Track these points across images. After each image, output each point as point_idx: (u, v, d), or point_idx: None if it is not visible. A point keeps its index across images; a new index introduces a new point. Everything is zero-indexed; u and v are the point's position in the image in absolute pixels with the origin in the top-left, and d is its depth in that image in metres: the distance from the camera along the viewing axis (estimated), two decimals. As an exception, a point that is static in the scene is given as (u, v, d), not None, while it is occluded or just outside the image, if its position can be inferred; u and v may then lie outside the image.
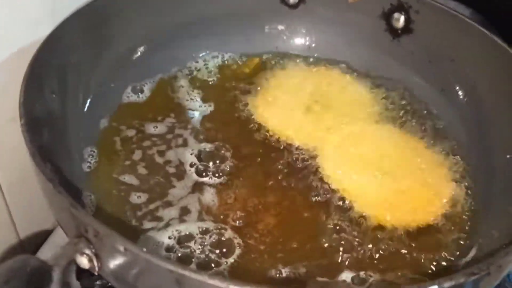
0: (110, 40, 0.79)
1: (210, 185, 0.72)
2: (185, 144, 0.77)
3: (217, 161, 0.75)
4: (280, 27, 0.93)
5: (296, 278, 0.63)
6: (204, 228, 0.67)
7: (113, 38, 0.80)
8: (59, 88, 0.70)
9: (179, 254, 0.64)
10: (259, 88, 0.86)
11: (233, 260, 0.64)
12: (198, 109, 0.82)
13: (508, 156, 0.72)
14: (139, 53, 0.84)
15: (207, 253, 0.64)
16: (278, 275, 0.63)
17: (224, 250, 0.65)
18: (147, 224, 0.67)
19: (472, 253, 0.67)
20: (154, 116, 0.80)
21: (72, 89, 0.73)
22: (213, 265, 0.63)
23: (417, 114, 0.84)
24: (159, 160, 0.75)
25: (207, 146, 0.77)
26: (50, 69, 0.68)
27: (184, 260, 0.63)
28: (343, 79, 0.88)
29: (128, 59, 0.83)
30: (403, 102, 0.85)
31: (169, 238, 0.66)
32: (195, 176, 0.73)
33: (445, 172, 0.76)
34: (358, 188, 0.73)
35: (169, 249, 0.65)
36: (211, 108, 0.83)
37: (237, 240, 0.66)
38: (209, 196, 0.71)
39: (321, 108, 0.83)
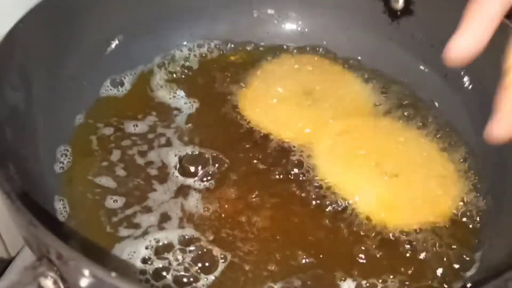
0: (83, 30, 0.73)
1: (195, 190, 0.66)
2: (168, 144, 0.71)
3: (203, 164, 0.69)
4: (270, 11, 0.86)
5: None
6: (185, 238, 0.61)
7: (87, 27, 0.73)
8: (22, 84, 0.64)
9: (156, 266, 0.59)
10: (247, 80, 0.80)
11: (214, 278, 0.58)
12: (182, 105, 0.76)
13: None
14: (117, 43, 0.78)
15: (186, 266, 0.59)
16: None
17: (207, 264, 0.59)
18: (123, 232, 0.62)
19: (481, 255, 0.63)
20: (134, 114, 0.74)
21: (39, 84, 0.67)
22: (191, 279, 0.58)
23: (419, 104, 0.78)
24: (139, 161, 0.69)
25: (193, 147, 0.71)
26: (11, 64, 0.63)
27: (160, 274, 0.58)
28: (338, 68, 0.82)
29: (105, 49, 0.77)
30: (403, 92, 0.79)
31: (146, 248, 0.60)
32: (179, 180, 0.67)
33: (452, 168, 0.70)
34: (357, 189, 0.68)
35: (145, 260, 0.59)
36: (196, 105, 0.76)
37: (221, 254, 0.60)
38: (193, 202, 0.65)
39: (315, 102, 0.77)
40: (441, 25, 0.75)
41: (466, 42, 0.47)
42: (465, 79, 0.76)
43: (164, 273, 0.58)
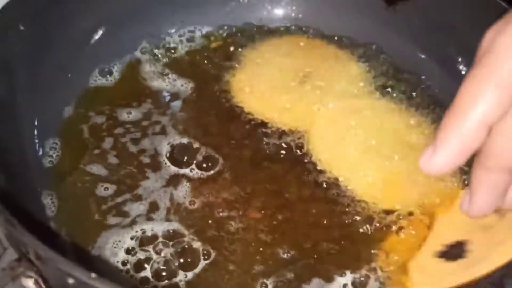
0: (67, 18, 0.71)
1: (186, 181, 0.66)
2: (163, 132, 0.70)
3: (196, 154, 0.68)
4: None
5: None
6: (170, 232, 0.61)
7: (71, 15, 0.72)
8: (3, 75, 0.63)
9: (138, 258, 0.59)
10: (240, 65, 0.78)
11: (193, 274, 0.58)
12: (176, 90, 0.75)
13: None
14: (104, 31, 0.76)
15: (167, 259, 0.59)
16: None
17: (188, 260, 0.59)
18: (111, 220, 0.62)
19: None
20: (128, 102, 0.73)
21: (22, 75, 0.66)
22: (171, 274, 0.58)
23: (416, 89, 0.76)
24: (132, 149, 0.69)
25: (187, 136, 0.70)
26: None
27: (141, 266, 0.58)
28: (332, 52, 0.81)
29: (91, 38, 0.76)
30: (400, 76, 0.78)
31: (131, 238, 0.60)
32: (171, 169, 0.67)
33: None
34: (354, 172, 0.67)
35: (129, 251, 0.59)
36: (190, 90, 0.75)
37: (204, 250, 0.60)
38: (183, 193, 0.65)
39: (309, 85, 0.75)
40: (438, 9, 0.75)
41: (439, 161, 0.43)
42: (463, 64, 0.75)
43: (146, 265, 0.58)
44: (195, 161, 0.67)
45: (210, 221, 0.62)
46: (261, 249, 0.61)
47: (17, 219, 0.45)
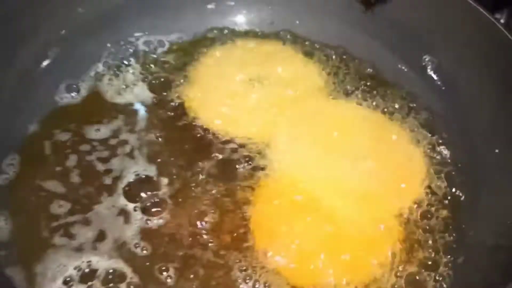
0: (24, 36, 0.70)
1: (136, 219, 0.63)
2: (131, 156, 0.68)
3: (153, 190, 0.65)
4: (230, 2, 0.82)
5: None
6: (109, 272, 0.58)
7: (34, 30, 0.70)
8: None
9: None
10: (198, 73, 0.76)
11: None
12: (138, 106, 0.73)
13: (496, 151, 0.65)
14: (64, 47, 0.74)
15: None
16: None
17: None
18: (57, 240, 0.60)
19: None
20: (95, 118, 0.71)
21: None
22: None
23: (393, 94, 0.75)
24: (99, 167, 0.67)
25: (148, 165, 0.68)
26: None
27: None
28: (300, 57, 0.78)
29: (52, 55, 0.73)
30: (377, 81, 0.77)
31: (74, 268, 0.58)
32: (124, 202, 0.64)
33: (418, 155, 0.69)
34: (321, 179, 0.66)
35: (66, 281, 0.57)
36: (153, 104, 0.73)
37: None
38: (132, 232, 0.62)
39: (268, 89, 0.74)
40: (417, 13, 0.73)
41: None
42: (440, 67, 0.74)
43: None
44: (149, 199, 0.64)
45: (152, 268, 0.60)
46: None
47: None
